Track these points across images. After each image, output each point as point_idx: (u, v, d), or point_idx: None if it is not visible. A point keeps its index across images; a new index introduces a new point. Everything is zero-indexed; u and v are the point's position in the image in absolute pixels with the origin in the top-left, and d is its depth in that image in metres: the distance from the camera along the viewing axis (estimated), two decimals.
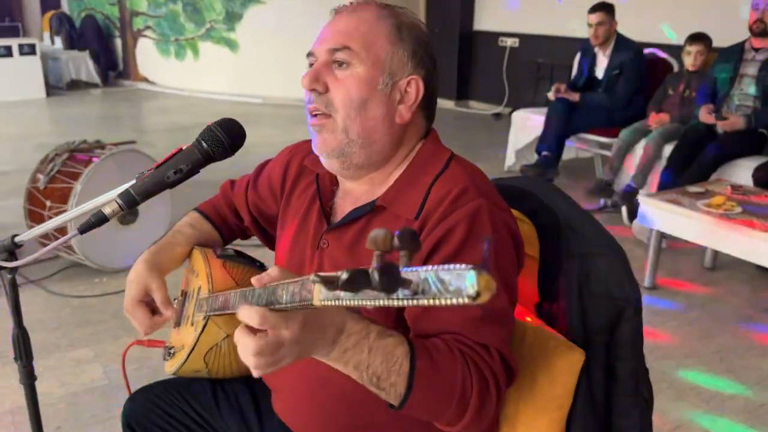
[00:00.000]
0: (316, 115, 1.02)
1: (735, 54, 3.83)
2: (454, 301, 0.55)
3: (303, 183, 1.17)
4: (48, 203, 3.06)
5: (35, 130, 6.80)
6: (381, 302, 0.59)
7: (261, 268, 1.23)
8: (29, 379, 1.23)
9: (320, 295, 0.67)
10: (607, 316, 1.10)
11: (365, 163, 1.03)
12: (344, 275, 0.58)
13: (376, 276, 0.56)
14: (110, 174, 3.13)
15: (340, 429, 1.07)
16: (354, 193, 1.09)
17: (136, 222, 3.23)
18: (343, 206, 1.10)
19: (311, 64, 1.03)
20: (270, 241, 1.29)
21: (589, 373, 1.11)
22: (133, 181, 0.97)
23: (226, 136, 0.96)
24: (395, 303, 0.58)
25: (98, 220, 0.95)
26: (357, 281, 0.58)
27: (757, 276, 3.32)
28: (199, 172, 0.99)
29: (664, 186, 3.65)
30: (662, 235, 3.20)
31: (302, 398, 1.09)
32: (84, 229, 0.96)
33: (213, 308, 1.07)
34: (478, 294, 0.54)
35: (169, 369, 1.22)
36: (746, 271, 3.36)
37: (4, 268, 1.11)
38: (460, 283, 0.55)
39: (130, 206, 0.94)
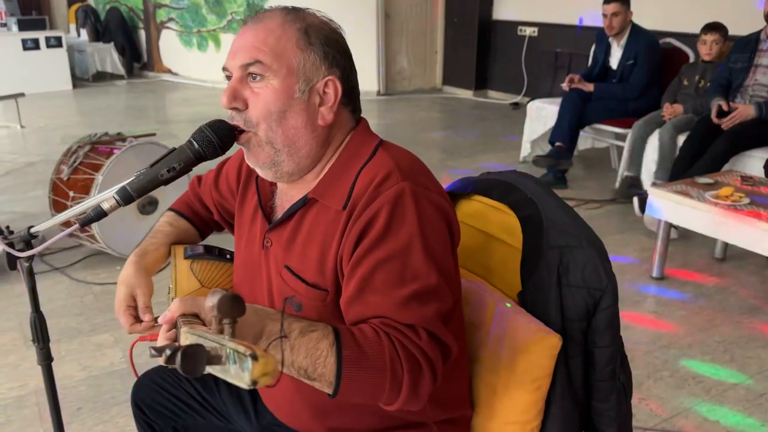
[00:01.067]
0: (240, 132, 1.04)
1: (750, 44, 3.81)
2: (241, 384, 0.62)
3: (251, 186, 1.21)
4: (71, 194, 3.17)
5: (62, 121, 6.97)
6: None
7: (230, 259, 1.28)
8: (46, 360, 1.33)
9: (186, 340, 0.74)
10: (584, 304, 1.16)
11: (296, 169, 1.06)
12: (166, 352, 0.65)
13: (178, 359, 0.62)
14: (131, 165, 3.23)
15: (324, 412, 1.13)
16: (290, 191, 1.12)
17: (156, 212, 3.34)
18: (282, 204, 1.14)
19: (227, 77, 1.05)
20: None
21: (567, 358, 1.17)
22: (131, 178, 1.05)
23: (215, 137, 1.03)
24: (210, 371, 0.65)
25: (97, 214, 1.03)
26: (172, 360, 0.64)
27: (766, 267, 3.33)
28: (191, 170, 1.05)
29: (674, 177, 3.66)
30: (672, 226, 3.22)
31: (281, 386, 1.15)
32: (84, 223, 1.04)
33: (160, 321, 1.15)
34: (254, 382, 0.61)
35: (161, 360, 1.30)
36: (756, 263, 3.36)
37: (20, 257, 1.20)
38: (243, 368, 0.62)
39: (126, 202, 1.02)
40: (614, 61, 4.61)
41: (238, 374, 0.62)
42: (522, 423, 1.16)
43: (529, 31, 7.42)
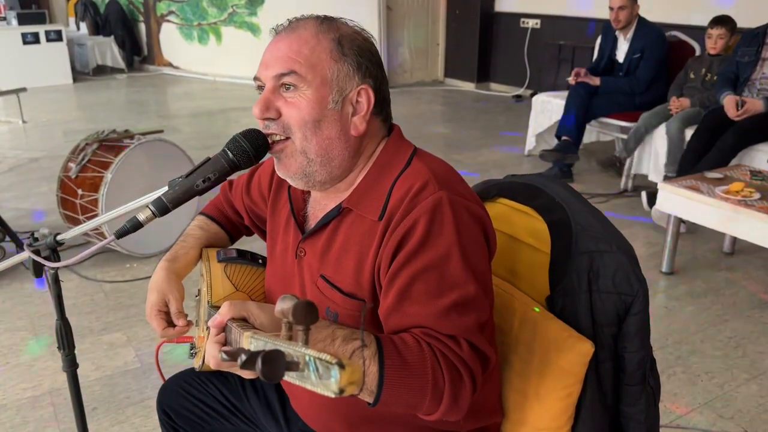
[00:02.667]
0: (275, 142, 1.04)
1: (758, 37, 3.80)
2: (326, 393, 0.61)
3: (283, 194, 1.21)
4: (80, 192, 3.16)
5: (63, 115, 6.94)
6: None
7: (263, 264, 1.29)
8: (71, 366, 1.32)
9: (249, 345, 0.74)
10: (615, 310, 1.16)
11: (327, 178, 1.06)
12: (242, 357, 0.63)
13: (259, 364, 0.61)
14: (139, 163, 3.23)
15: (354, 422, 1.13)
16: (322, 200, 1.13)
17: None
18: (315, 213, 1.14)
19: (258, 87, 1.05)
20: None
21: (597, 364, 1.17)
22: (165, 188, 1.04)
23: (250, 147, 1.02)
24: (287, 379, 0.64)
25: (133, 226, 1.03)
26: (249, 364, 0.63)
27: None
28: (225, 179, 1.05)
29: (683, 171, 3.66)
30: (681, 220, 3.22)
31: (312, 398, 1.15)
32: (120, 234, 1.04)
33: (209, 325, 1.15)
34: (341, 390, 0.60)
35: (195, 365, 1.30)
36: (765, 257, 3.37)
37: (48, 266, 1.19)
38: (327, 377, 0.61)
39: (162, 213, 1.02)
40: (621, 55, 4.59)
41: (321, 382, 0.61)
42: (553, 429, 1.16)
43: (531, 23, 7.40)
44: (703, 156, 3.62)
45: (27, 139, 5.95)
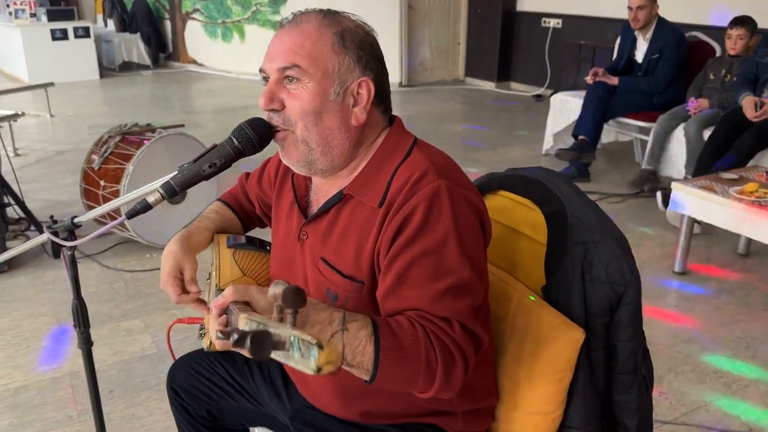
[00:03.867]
0: (278, 131, 1.09)
1: None
2: (305, 370, 0.67)
3: (288, 181, 1.26)
4: (102, 183, 3.25)
5: (89, 110, 7.09)
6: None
7: (270, 251, 1.33)
8: (86, 344, 1.39)
9: (245, 326, 0.79)
10: (607, 299, 1.18)
11: (329, 166, 1.10)
12: (234, 336, 0.69)
13: (248, 343, 0.67)
14: (160, 156, 3.31)
15: (351, 397, 1.18)
16: (324, 186, 1.17)
17: (184, 202, 3.41)
18: (317, 199, 1.19)
19: (264, 79, 1.10)
20: None
21: (589, 351, 1.20)
22: (175, 173, 1.10)
23: (254, 135, 1.07)
24: (274, 357, 0.70)
25: (143, 207, 1.09)
26: (241, 343, 0.68)
27: None
28: (231, 166, 1.10)
29: (698, 172, 3.65)
30: (695, 221, 3.22)
31: (323, 381, 1.19)
32: (131, 215, 1.09)
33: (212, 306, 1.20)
34: (319, 369, 0.66)
35: (204, 345, 1.35)
36: None
37: (65, 246, 1.26)
38: (308, 355, 0.67)
39: (170, 196, 1.07)
40: (639, 55, 4.58)
41: (302, 361, 0.67)
42: (545, 413, 1.20)
43: (553, 23, 7.38)
44: (720, 157, 3.61)
45: (54, 133, 6.10)
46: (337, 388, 1.17)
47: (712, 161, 3.65)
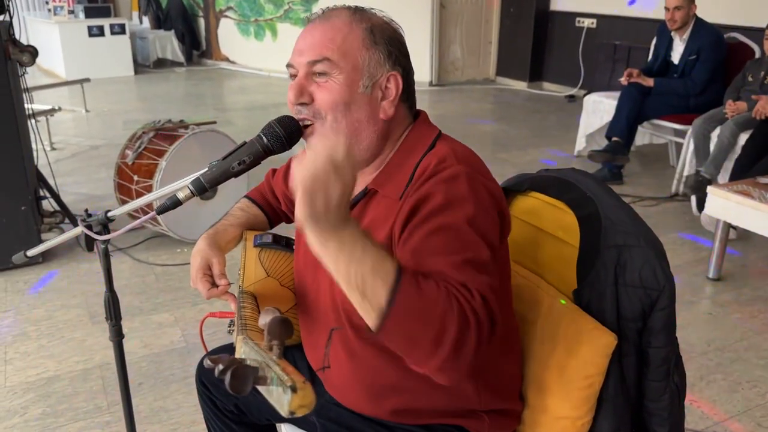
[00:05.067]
0: (307, 127, 1.09)
1: None
2: (281, 411, 0.66)
3: None
4: (136, 178, 3.30)
5: (124, 106, 7.20)
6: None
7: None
8: (117, 336, 1.40)
9: (241, 348, 0.79)
10: (640, 304, 1.16)
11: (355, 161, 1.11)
12: (219, 367, 0.70)
13: (228, 378, 0.68)
14: (192, 152, 3.35)
15: (378, 393, 1.16)
16: None
17: (215, 198, 3.44)
18: None
19: (291, 75, 1.10)
20: None
21: (621, 357, 1.18)
22: (205, 169, 1.11)
23: (284, 132, 1.08)
24: (260, 390, 0.70)
25: (173, 203, 1.10)
26: (223, 374, 0.69)
27: None
28: (260, 163, 1.11)
29: (735, 176, 3.57)
30: (731, 226, 3.15)
31: (341, 368, 1.19)
32: (161, 211, 1.11)
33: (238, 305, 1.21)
34: (292, 413, 0.65)
35: (234, 340, 1.36)
36: None
37: (98, 239, 1.28)
38: (283, 396, 0.66)
39: (200, 192, 1.08)
40: (676, 56, 4.50)
41: (278, 400, 0.67)
42: (573, 418, 1.18)
43: (587, 23, 7.29)
44: (758, 161, 3.52)
45: (89, 128, 6.21)
46: (364, 385, 1.16)
47: (750, 165, 3.56)
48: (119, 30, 8.83)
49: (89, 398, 2.26)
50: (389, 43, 1.08)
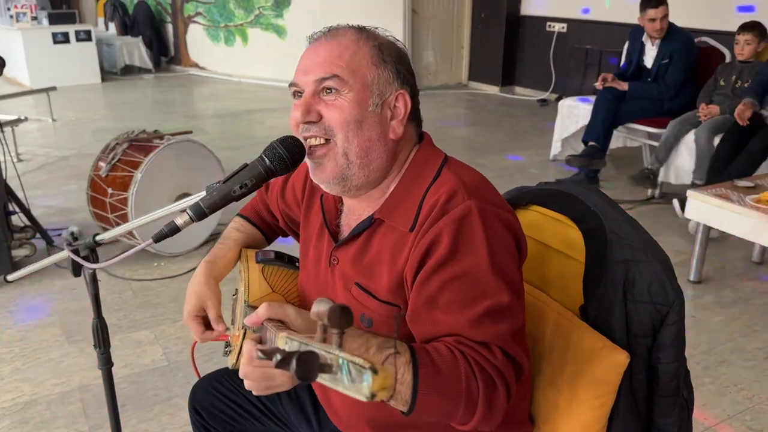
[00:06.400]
0: (314, 147, 1.05)
1: None
2: (357, 396, 0.61)
3: (316, 202, 1.22)
4: (110, 191, 3.21)
5: (92, 114, 7.04)
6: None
7: (299, 267, 1.29)
8: (107, 364, 1.34)
9: (285, 345, 0.74)
10: (650, 320, 1.14)
11: (364, 183, 1.06)
12: (277, 357, 0.64)
13: (293, 365, 0.62)
14: (168, 163, 3.27)
15: (384, 428, 1.13)
16: (356, 209, 1.13)
17: None
18: (348, 223, 1.15)
19: (295, 94, 1.06)
20: None
21: (631, 374, 1.16)
22: (203, 193, 1.06)
23: (287, 153, 1.03)
24: (320, 381, 0.64)
25: (171, 230, 1.04)
26: (285, 364, 0.64)
27: None
28: (262, 186, 1.06)
29: (711, 177, 3.63)
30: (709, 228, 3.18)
31: (343, 401, 1.16)
32: (158, 238, 1.05)
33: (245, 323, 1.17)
34: (373, 395, 0.60)
35: (229, 363, 1.31)
36: None
37: (86, 266, 1.22)
38: (359, 381, 0.61)
39: (200, 218, 1.03)
40: (649, 60, 4.55)
41: (353, 386, 0.62)
42: None
43: (557, 27, 7.36)
44: (730, 161, 3.58)
45: (56, 137, 6.05)
46: (369, 420, 1.12)
47: (724, 166, 3.62)
48: (85, 36, 8.64)
49: (69, 423, 2.17)
50: (397, 61, 1.06)
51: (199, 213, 1.02)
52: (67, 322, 2.80)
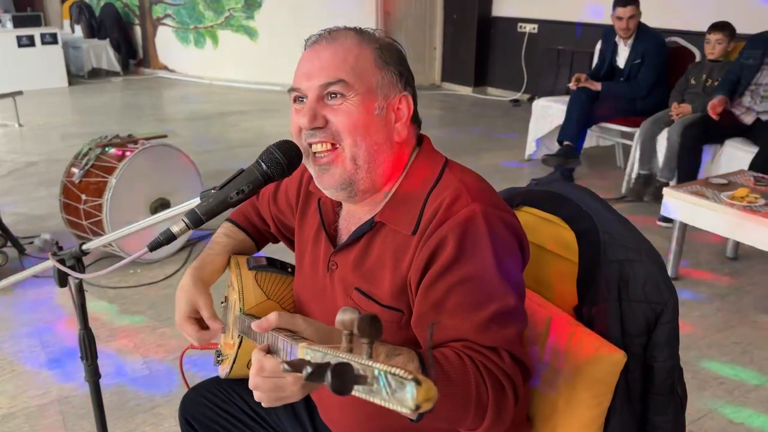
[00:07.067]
0: (317, 154, 1.03)
1: (764, 42, 3.82)
2: (399, 409, 0.58)
3: (312, 205, 1.20)
4: (83, 197, 3.14)
5: (60, 119, 6.90)
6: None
7: (292, 273, 1.28)
8: (94, 376, 1.31)
9: (306, 356, 0.72)
10: (645, 319, 1.15)
11: (370, 187, 1.06)
12: (308, 369, 0.62)
13: (329, 377, 0.59)
14: (143, 168, 3.21)
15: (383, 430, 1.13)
16: (355, 212, 1.12)
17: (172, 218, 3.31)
18: (347, 227, 1.13)
19: (296, 99, 1.04)
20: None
21: (626, 373, 1.16)
22: (197, 200, 1.03)
23: (283, 158, 1.01)
24: (354, 394, 0.61)
25: (166, 238, 1.02)
26: (317, 377, 0.61)
27: None
28: (258, 192, 1.04)
29: (682, 169, 3.76)
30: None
31: (343, 410, 1.14)
32: (153, 247, 1.02)
33: (243, 329, 1.15)
34: (417, 406, 0.57)
35: (220, 372, 1.29)
36: None
37: (72, 275, 1.18)
38: (402, 392, 0.58)
39: (196, 225, 1.00)
40: (621, 60, 4.61)
41: (393, 398, 0.59)
42: None
43: (529, 28, 7.42)
44: (697, 151, 3.72)
45: (23, 143, 5.91)
46: (369, 422, 1.11)
47: (691, 158, 3.75)
48: (51, 40, 8.46)
49: None
50: (399, 63, 1.05)
51: (196, 220, 1.00)
52: (42, 332, 2.72)
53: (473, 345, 0.92)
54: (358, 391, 0.61)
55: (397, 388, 0.58)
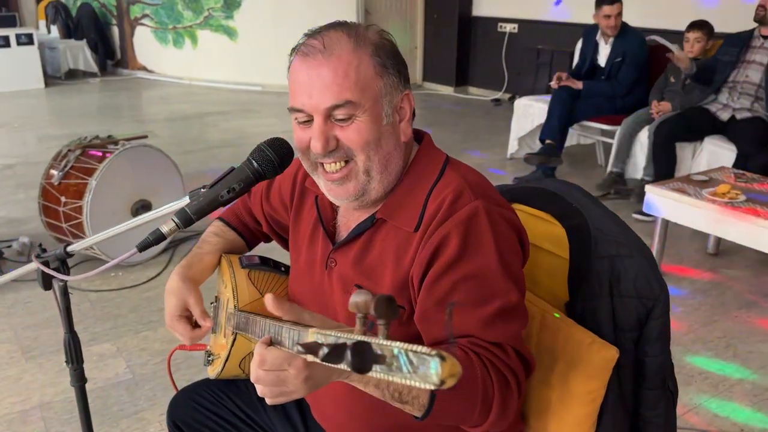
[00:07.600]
0: (333, 173, 1.02)
1: (742, 40, 3.88)
2: (422, 385, 0.57)
3: (308, 202, 1.19)
4: (63, 199, 3.09)
5: (36, 121, 6.79)
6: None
7: (285, 272, 1.27)
8: (80, 381, 1.28)
9: (317, 340, 0.69)
10: (636, 315, 1.15)
11: (382, 193, 1.05)
12: (324, 349, 0.60)
13: (348, 355, 0.58)
14: (124, 169, 3.17)
15: (375, 429, 1.12)
16: (356, 210, 1.11)
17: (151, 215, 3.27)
18: (347, 223, 1.12)
19: (299, 118, 1.01)
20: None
21: (618, 368, 1.16)
22: (186, 199, 1.01)
23: (275, 156, 1.00)
24: (372, 374, 0.60)
25: (156, 238, 1.00)
26: (335, 357, 0.60)
27: (759, 261, 3.39)
28: (250, 190, 1.02)
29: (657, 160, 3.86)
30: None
31: (338, 406, 1.13)
32: (142, 247, 1.01)
33: (238, 326, 1.13)
34: (442, 382, 0.56)
35: (210, 373, 1.27)
36: (748, 257, 3.43)
37: (58, 277, 1.16)
38: (425, 369, 0.57)
39: (186, 225, 0.98)
40: (602, 59, 4.65)
41: (414, 375, 0.57)
42: None
43: (509, 28, 7.45)
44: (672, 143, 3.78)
45: (0, 145, 5.81)
46: (364, 418, 1.10)
47: (667, 158, 3.80)
48: (26, 40, 8.32)
49: None
50: (394, 60, 1.03)
51: (186, 219, 0.98)
52: (22, 337, 2.67)
53: (478, 341, 0.93)
54: (376, 371, 0.59)
55: (419, 364, 0.57)
